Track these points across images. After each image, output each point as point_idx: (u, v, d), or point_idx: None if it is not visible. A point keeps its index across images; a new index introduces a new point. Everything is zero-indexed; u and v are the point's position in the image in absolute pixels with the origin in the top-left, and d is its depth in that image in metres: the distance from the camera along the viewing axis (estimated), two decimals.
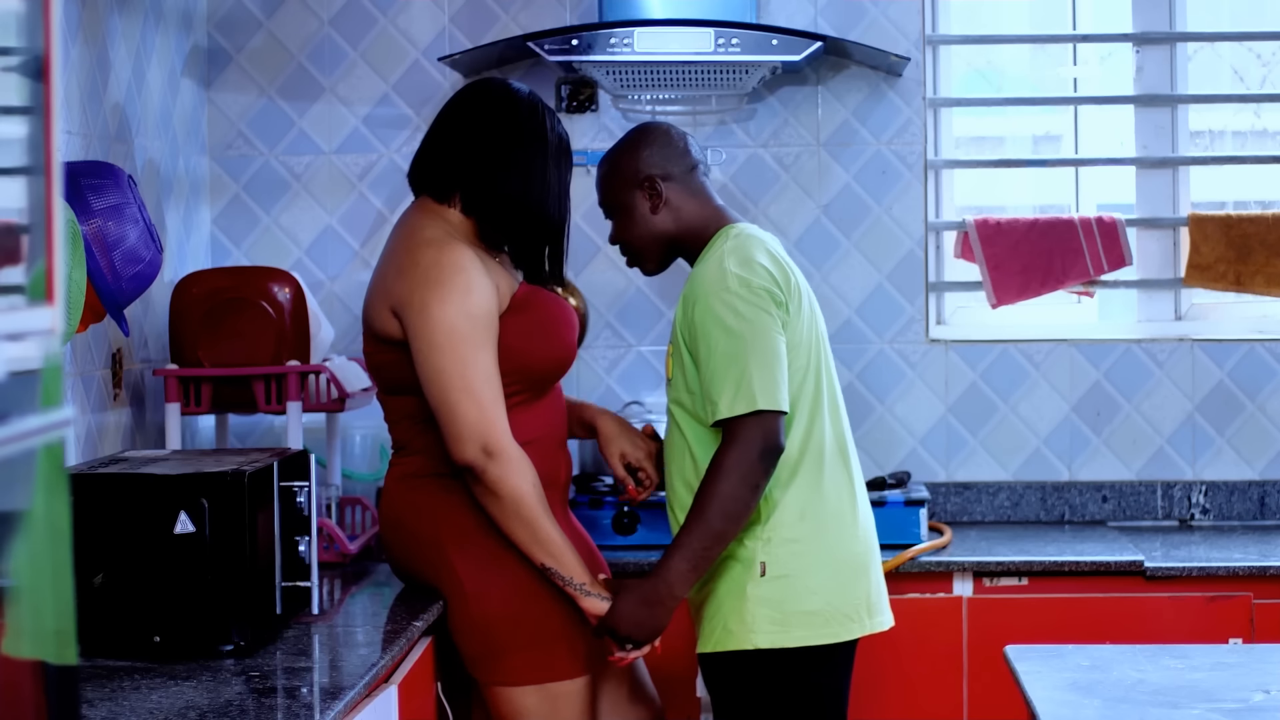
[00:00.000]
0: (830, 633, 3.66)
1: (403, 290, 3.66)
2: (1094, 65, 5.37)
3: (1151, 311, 5.18)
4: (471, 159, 3.77)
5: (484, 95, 3.83)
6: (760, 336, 3.58)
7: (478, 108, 3.81)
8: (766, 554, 3.63)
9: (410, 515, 3.77)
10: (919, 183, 5.08)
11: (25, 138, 1.93)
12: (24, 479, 1.92)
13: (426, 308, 3.61)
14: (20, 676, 1.91)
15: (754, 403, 3.54)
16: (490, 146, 3.77)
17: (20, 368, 1.89)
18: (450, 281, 3.62)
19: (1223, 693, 3.02)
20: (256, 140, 5.09)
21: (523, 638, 3.67)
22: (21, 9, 1.92)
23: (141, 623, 3.25)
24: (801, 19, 5.02)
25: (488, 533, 3.68)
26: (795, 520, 3.64)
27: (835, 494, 3.70)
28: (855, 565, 3.71)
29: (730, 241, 3.69)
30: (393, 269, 3.72)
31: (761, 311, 3.59)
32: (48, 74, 1.94)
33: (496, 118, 3.79)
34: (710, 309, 3.60)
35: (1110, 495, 5.07)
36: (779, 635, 3.63)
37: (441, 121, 3.85)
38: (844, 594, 3.67)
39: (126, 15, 4.36)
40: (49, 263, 1.95)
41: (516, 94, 3.84)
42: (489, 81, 3.89)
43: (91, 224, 3.61)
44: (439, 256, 3.66)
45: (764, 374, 3.55)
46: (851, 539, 3.71)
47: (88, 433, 4.03)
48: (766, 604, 3.63)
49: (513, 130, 3.78)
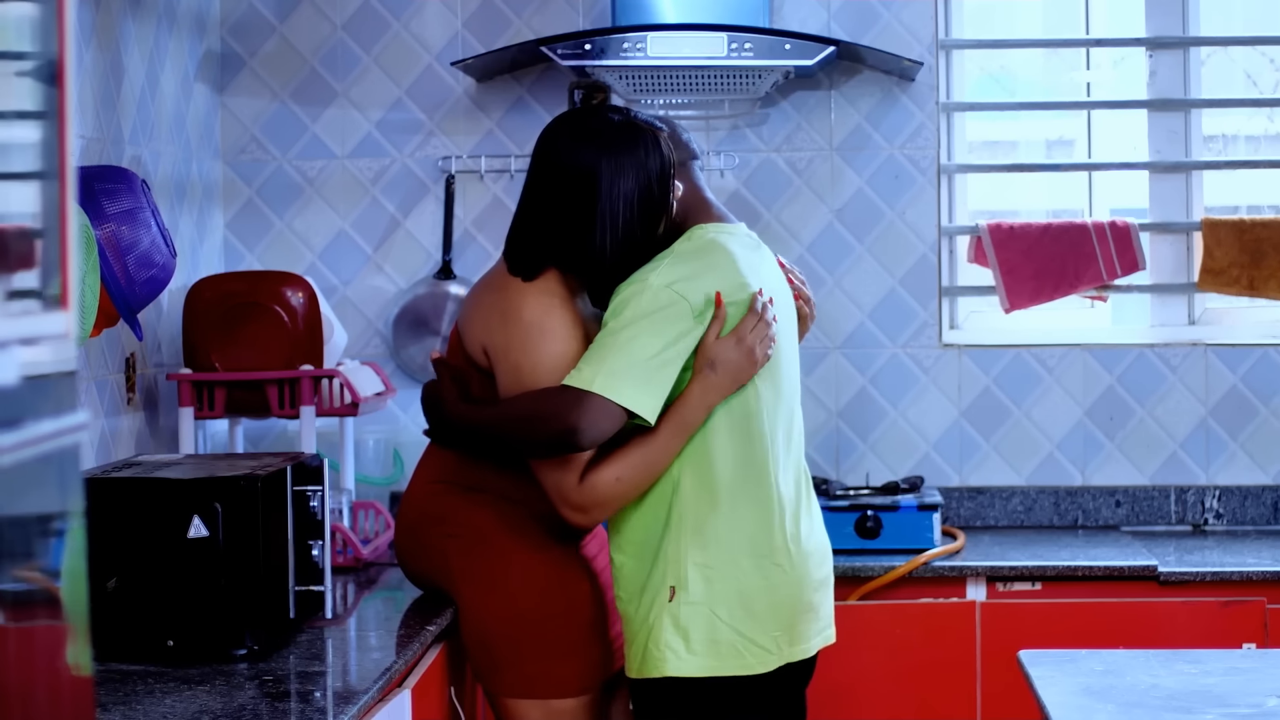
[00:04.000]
0: (740, 664, 3.51)
1: (500, 342, 3.56)
2: (1107, 70, 5.37)
3: (1165, 316, 5.17)
4: (553, 239, 3.56)
5: (556, 163, 3.58)
6: (637, 334, 3.41)
7: (554, 179, 3.57)
8: (676, 578, 3.48)
9: (422, 522, 3.76)
10: (932, 187, 5.08)
11: (39, 142, 1.94)
12: (39, 483, 1.92)
13: (519, 370, 3.53)
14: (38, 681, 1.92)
15: (591, 383, 3.38)
16: (569, 224, 3.54)
17: (34, 372, 1.89)
18: (541, 345, 3.51)
19: (1237, 697, 3.02)
20: (270, 144, 5.10)
21: (523, 651, 3.63)
22: (36, 14, 1.92)
23: (155, 627, 3.25)
24: (814, 23, 5.03)
25: (494, 545, 3.67)
26: (708, 545, 3.50)
27: (758, 518, 3.52)
28: (776, 594, 3.55)
29: (684, 245, 3.54)
30: (497, 315, 3.58)
31: (661, 314, 3.42)
32: (62, 79, 1.95)
33: (572, 187, 3.53)
34: (621, 297, 3.47)
35: (1124, 500, 5.06)
36: (688, 663, 3.49)
37: (525, 197, 3.64)
38: (756, 624, 3.51)
39: (140, 20, 4.37)
40: (63, 267, 1.95)
41: (593, 150, 3.57)
42: (560, 132, 3.62)
43: (105, 229, 3.61)
44: (541, 319, 3.53)
45: (618, 364, 3.38)
46: (770, 567, 3.54)
47: (101, 437, 4.04)
48: (677, 630, 3.48)
49: (588, 196, 3.52)
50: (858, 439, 5.08)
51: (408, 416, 5.03)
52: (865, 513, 4.61)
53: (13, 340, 1.84)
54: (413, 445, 4.91)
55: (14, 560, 1.89)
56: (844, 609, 4.40)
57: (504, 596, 3.65)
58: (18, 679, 1.87)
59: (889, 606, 4.44)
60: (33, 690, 1.90)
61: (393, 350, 5.04)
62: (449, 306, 4.99)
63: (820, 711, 4.30)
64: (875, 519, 4.60)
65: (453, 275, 5.03)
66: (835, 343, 5.07)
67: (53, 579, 1.98)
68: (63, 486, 1.99)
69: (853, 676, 4.40)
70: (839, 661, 4.34)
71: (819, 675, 3.74)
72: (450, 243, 5.04)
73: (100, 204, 3.62)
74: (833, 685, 4.36)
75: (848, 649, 4.32)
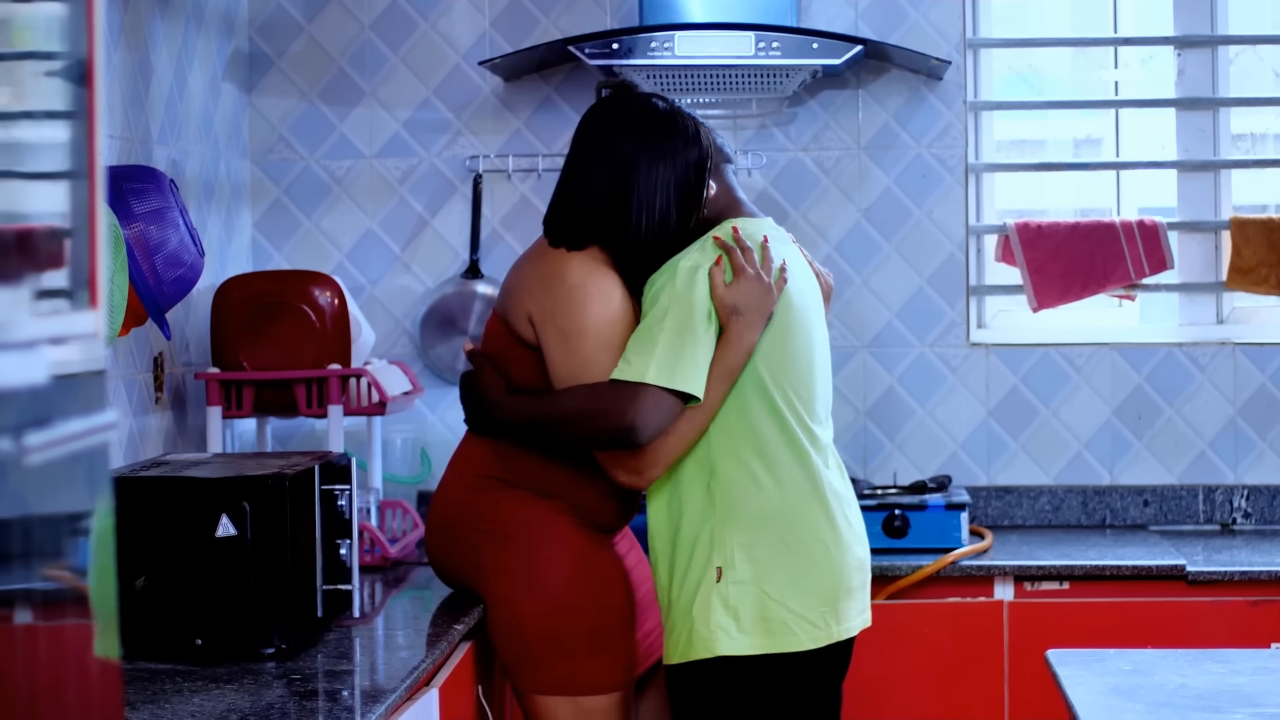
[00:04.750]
0: (793, 640, 3.54)
1: (546, 307, 3.59)
2: (1135, 68, 5.35)
3: (1193, 315, 5.16)
4: (591, 218, 3.62)
5: (597, 144, 3.66)
6: (680, 319, 3.46)
7: (594, 160, 3.64)
8: (722, 559, 3.51)
9: (457, 517, 3.76)
10: (960, 186, 5.07)
11: (69, 142, 1.94)
12: (68, 482, 1.93)
13: (567, 336, 3.56)
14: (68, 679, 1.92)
15: (644, 374, 3.43)
16: (607, 205, 3.61)
17: (63, 371, 1.89)
18: (587, 306, 3.55)
19: (1265, 697, 3.01)
20: (297, 144, 5.11)
21: (555, 648, 3.64)
22: (65, 14, 1.93)
23: (183, 625, 3.26)
24: (842, 22, 5.02)
25: (527, 541, 3.67)
26: (751, 525, 3.53)
27: (799, 497, 3.56)
28: (820, 571, 3.58)
29: (719, 232, 3.58)
30: (539, 282, 3.62)
31: (700, 300, 3.47)
32: (91, 79, 1.95)
33: (611, 169, 3.61)
34: (658, 286, 3.52)
35: (1152, 499, 5.05)
36: (740, 642, 3.52)
37: (564, 176, 3.70)
38: (805, 600, 3.55)
39: (168, 20, 4.38)
40: (92, 267, 1.96)
41: (633, 135, 3.64)
42: (603, 114, 3.70)
43: (133, 228, 3.62)
44: (584, 280, 3.57)
45: (668, 353, 3.44)
46: (814, 543, 3.57)
47: (129, 436, 4.05)
48: (727, 610, 3.51)
49: (626, 180, 3.60)
50: (885, 438, 5.08)
51: (435, 416, 5.04)
52: (893, 512, 4.61)
53: (42, 340, 1.85)
54: (440, 444, 4.92)
55: (43, 559, 1.89)
56: (872, 608, 4.41)
57: (537, 592, 3.65)
58: (47, 677, 1.87)
59: (916, 606, 4.44)
60: (62, 689, 1.91)
61: (420, 349, 5.05)
62: (476, 306, 4.99)
63: (849, 709, 4.29)
64: (903, 518, 4.60)
65: (480, 274, 5.03)
66: (863, 342, 5.07)
67: (81, 578, 1.99)
68: (91, 486, 2.00)
69: (880, 675, 4.40)
70: (867, 660, 4.34)
71: (847, 675, 3.74)
72: (478, 242, 5.04)
73: (129, 203, 3.63)
74: (861, 684, 4.36)
75: (876, 648, 4.32)
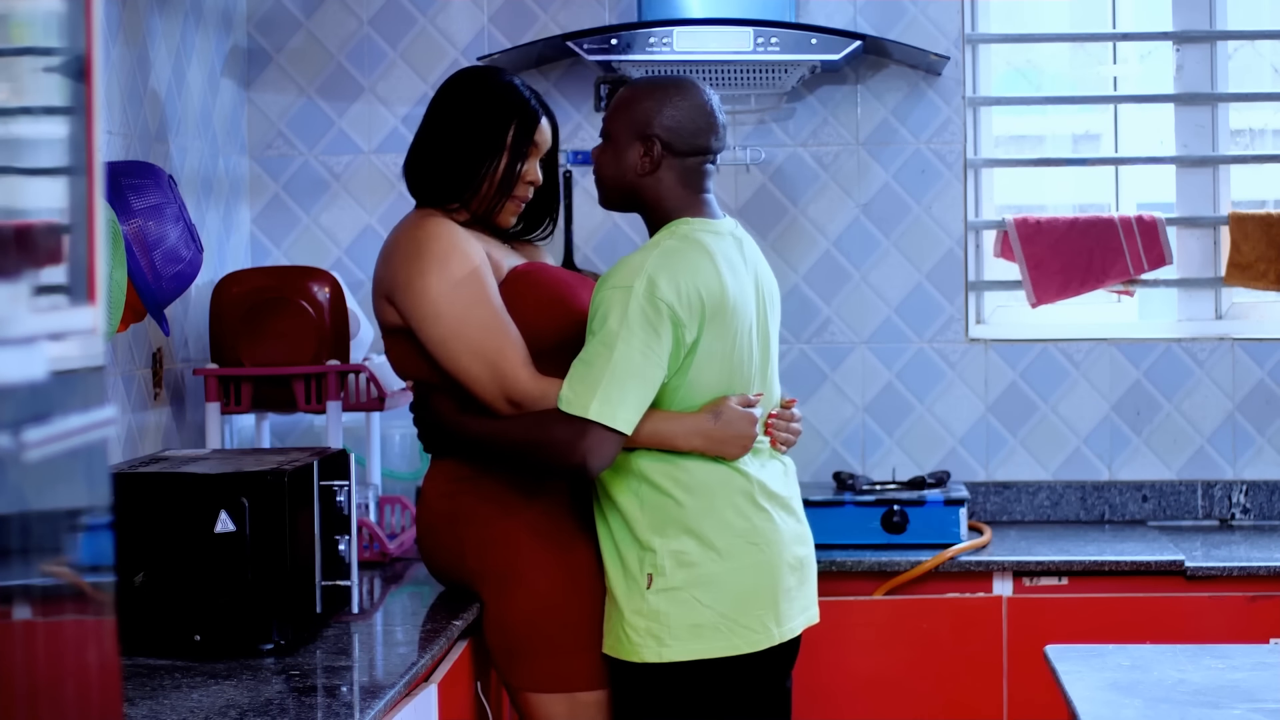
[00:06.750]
0: (727, 645, 3.55)
1: (388, 275, 3.67)
2: (1134, 64, 5.35)
3: (1192, 311, 5.16)
4: (443, 173, 3.76)
5: (440, 103, 3.83)
6: (627, 350, 3.46)
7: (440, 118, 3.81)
8: (653, 565, 3.53)
9: (438, 521, 3.77)
10: (958, 182, 5.07)
11: (67, 138, 1.94)
12: (67, 478, 1.93)
13: (410, 285, 3.62)
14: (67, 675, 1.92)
15: (586, 409, 3.45)
16: (454, 160, 3.75)
17: (62, 367, 1.89)
18: (427, 253, 3.62)
19: (1264, 693, 3.01)
20: (296, 140, 5.11)
21: (543, 646, 3.65)
22: (63, 9, 1.93)
23: (182, 621, 3.26)
24: (840, 18, 5.02)
25: (510, 543, 3.69)
26: (681, 533, 3.55)
27: (728, 503, 3.57)
28: (752, 575, 3.59)
29: (669, 241, 3.56)
30: (380, 260, 3.73)
31: (646, 325, 3.47)
32: (89, 74, 1.95)
33: (447, 133, 3.78)
34: (606, 298, 3.51)
35: (1150, 495, 5.05)
36: (670, 649, 3.54)
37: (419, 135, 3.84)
38: (737, 605, 3.56)
39: (167, 15, 4.38)
40: (90, 263, 1.95)
41: (459, 93, 3.81)
42: (453, 84, 3.85)
43: (132, 224, 3.62)
44: (416, 233, 3.66)
45: (611, 387, 3.45)
46: (745, 548, 3.58)
47: (128, 432, 4.05)
48: (656, 616, 3.53)
49: (462, 141, 3.75)
50: (884, 434, 5.08)
51: None
52: (891, 508, 4.61)
53: (41, 335, 1.85)
54: None
55: (42, 555, 1.89)
56: (870, 604, 4.41)
57: (522, 593, 3.66)
58: (46, 673, 1.87)
59: (915, 601, 4.44)
60: (61, 685, 1.91)
61: None
62: None
63: (847, 706, 4.30)
64: (902, 514, 4.60)
65: None
66: (861, 337, 5.07)
67: (80, 574, 1.99)
68: (90, 481, 2.00)
69: (879, 671, 4.40)
70: (865, 656, 4.35)
71: (845, 671, 3.74)
72: None
73: (127, 199, 3.63)
74: (859, 680, 4.36)
75: (874, 643, 4.33)
